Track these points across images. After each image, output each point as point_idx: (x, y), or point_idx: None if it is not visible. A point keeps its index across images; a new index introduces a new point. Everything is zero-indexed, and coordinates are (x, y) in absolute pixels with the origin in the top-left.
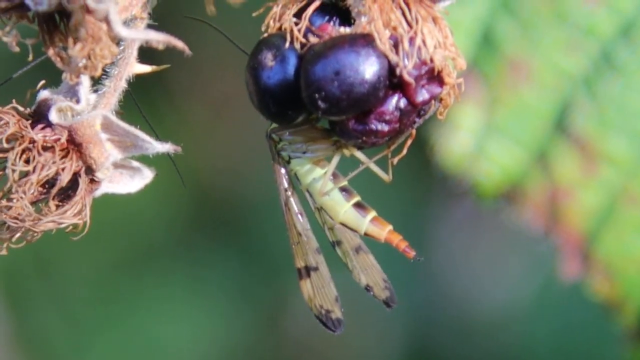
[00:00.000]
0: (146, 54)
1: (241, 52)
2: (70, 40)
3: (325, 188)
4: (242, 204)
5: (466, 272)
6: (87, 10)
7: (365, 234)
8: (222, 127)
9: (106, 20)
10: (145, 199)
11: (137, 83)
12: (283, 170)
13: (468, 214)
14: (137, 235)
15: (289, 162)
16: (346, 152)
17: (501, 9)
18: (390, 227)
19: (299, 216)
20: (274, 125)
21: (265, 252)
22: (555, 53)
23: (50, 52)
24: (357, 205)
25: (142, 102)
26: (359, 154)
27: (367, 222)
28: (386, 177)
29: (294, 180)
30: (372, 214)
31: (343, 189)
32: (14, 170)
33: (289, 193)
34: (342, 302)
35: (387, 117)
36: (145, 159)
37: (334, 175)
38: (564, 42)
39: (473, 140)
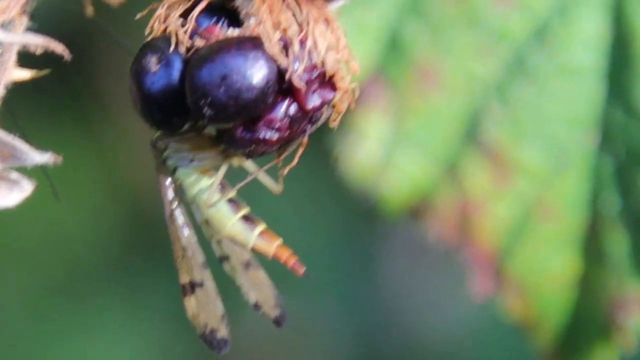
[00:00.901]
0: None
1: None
2: None
3: (212, 199)
4: None
5: (412, 295)
6: None
7: (253, 249)
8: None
9: None
10: (79, 218)
11: (68, 94)
12: (168, 181)
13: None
14: (69, 257)
15: (174, 172)
16: (235, 161)
17: (409, 12)
18: (279, 240)
19: (185, 229)
20: (159, 133)
21: (217, 274)
22: (467, 58)
23: None
24: (246, 218)
25: (74, 113)
26: (248, 164)
27: (254, 236)
28: (276, 188)
29: (180, 190)
30: (261, 227)
31: (231, 201)
32: None
33: (174, 205)
34: (291, 323)
35: (277, 125)
36: (83, 175)
37: (222, 186)
38: (475, 47)
39: (380, 150)
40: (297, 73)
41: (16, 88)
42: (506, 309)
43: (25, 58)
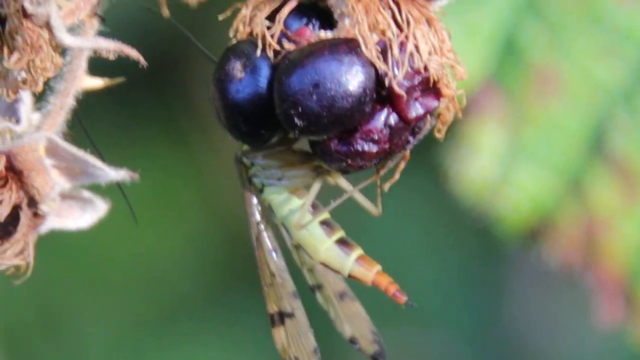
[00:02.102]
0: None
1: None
2: (6, 50)
3: (304, 220)
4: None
5: (542, 327)
6: (25, 14)
7: (350, 276)
8: None
9: (47, 26)
10: (174, 244)
11: (161, 107)
12: (255, 200)
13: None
14: (161, 288)
15: (262, 191)
16: (329, 179)
17: (526, 10)
18: (378, 267)
19: (273, 254)
20: (245, 147)
21: (309, 304)
22: (589, 61)
23: None
24: (341, 242)
25: (165, 128)
26: (343, 182)
27: (351, 261)
28: (375, 209)
29: (268, 211)
30: (358, 251)
31: (324, 223)
32: None
33: (262, 226)
34: (415, 354)
35: (376, 136)
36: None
37: (314, 207)
38: (598, 48)
39: (496, 164)
40: (397, 79)
41: (105, 98)
42: (637, 337)
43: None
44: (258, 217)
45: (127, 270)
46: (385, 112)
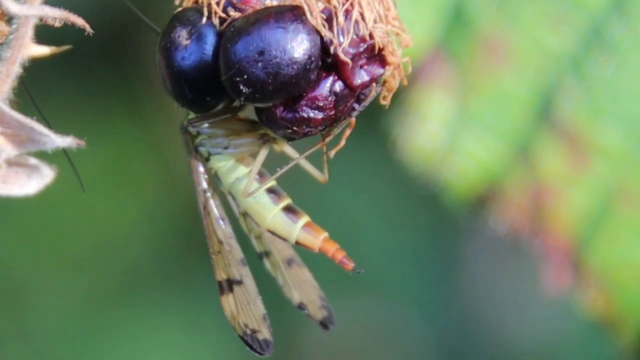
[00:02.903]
0: None
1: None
2: None
3: (250, 189)
4: None
5: (494, 295)
6: None
7: (297, 243)
8: None
9: None
10: (130, 218)
11: (119, 79)
12: (201, 169)
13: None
14: (117, 260)
15: (208, 159)
16: (275, 147)
17: None
18: (325, 234)
19: (220, 222)
20: (191, 115)
21: (257, 271)
22: (538, 29)
23: None
24: (288, 209)
25: (123, 101)
26: (289, 149)
27: (298, 228)
28: (322, 176)
29: (215, 180)
30: (305, 219)
31: (271, 190)
32: None
33: (209, 195)
34: (369, 325)
35: (321, 103)
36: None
37: (261, 175)
38: (547, 16)
39: (444, 132)
40: (343, 47)
41: (58, 66)
42: (586, 304)
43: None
44: (205, 185)
45: (81, 242)
46: (330, 79)
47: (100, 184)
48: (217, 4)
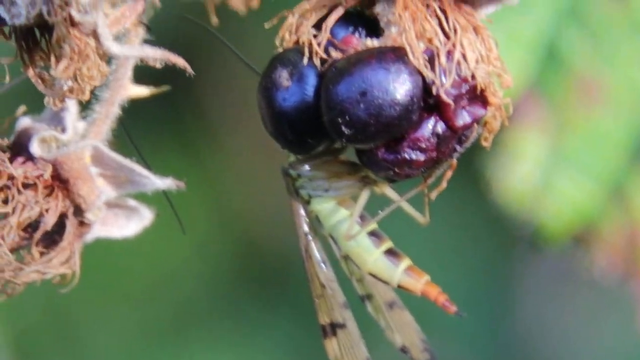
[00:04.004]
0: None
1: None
2: (53, 59)
3: (352, 231)
4: (294, 252)
5: (555, 333)
6: (72, 23)
7: (399, 286)
8: (269, 160)
9: (94, 34)
10: (185, 252)
11: (171, 115)
12: (302, 211)
13: (557, 265)
14: (172, 296)
15: (309, 202)
16: (376, 189)
17: (568, 18)
18: (427, 277)
19: (322, 265)
20: (291, 158)
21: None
22: (633, 68)
23: (30, 72)
24: (389, 253)
25: (174, 136)
26: (390, 192)
27: (400, 272)
28: (422, 219)
29: (316, 223)
30: (406, 262)
31: (372, 233)
32: None
33: (310, 238)
34: None
35: (423, 145)
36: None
37: (362, 217)
38: None
39: (538, 172)
40: (445, 87)
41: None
42: None
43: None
44: (306, 228)
45: (137, 279)
46: (432, 120)
47: (156, 221)
48: (318, 44)
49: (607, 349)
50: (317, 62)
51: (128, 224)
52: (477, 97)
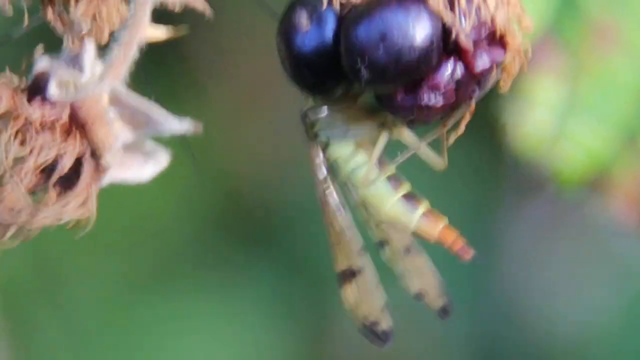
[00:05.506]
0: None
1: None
2: (72, 0)
3: (371, 176)
4: (279, 204)
5: (541, 282)
6: None
7: (415, 232)
8: (257, 110)
9: None
10: (165, 202)
11: (152, 56)
12: (320, 157)
13: (545, 212)
14: (161, 248)
15: (327, 148)
16: (394, 133)
17: None
18: (445, 221)
19: (339, 211)
20: (310, 103)
21: (309, 262)
22: None
23: (49, 13)
24: (407, 197)
25: (159, 83)
26: (409, 136)
27: (417, 216)
28: (441, 162)
29: (334, 169)
30: (425, 206)
31: (390, 178)
32: (7, 155)
33: (327, 184)
34: (393, 313)
35: (442, 89)
36: None
37: (380, 162)
38: None
39: (553, 118)
40: (464, 31)
41: None
42: None
43: None
44: (323, 174)
45: (123, 231)
46: (451, 64)
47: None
48: None
49: (595, 301)
50: (336, 4)
51: (144, 167)
52: (497, 41)
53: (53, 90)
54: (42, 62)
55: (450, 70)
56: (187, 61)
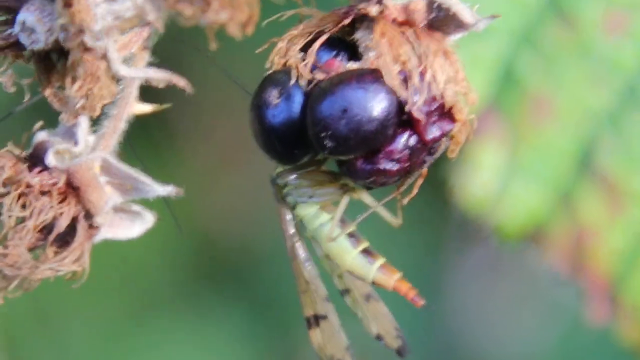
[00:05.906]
0: (148, 93)
1: (245, 92)
2: (68, 80)
3: (333, 234)
4: (248, 252)
5: (482, 322)
6: (85, 48)
7: (373, 282)
8: (227, 172)
9: (105, 58)
10: (148, 248)
11: (138, 125)
12: (289, 216)
13: (484, 259)
14: (139, 285)
15: (294, 208)
16: (354, 195)
17: (523, 43)
18: (399, 274)
19: (306, 263)
20: (279, 169)
21: (275, 303)
22: (580, 88)
23: (47, 92)
24: (365, 252)
25: (143, 145)
26: (367, 198)
27: (375, 269)
28: (395, 221)
29: (300, 226)
30: (381, 260)
31: (351, 235)
32: (10, 216)
33: (295, 239)
34: (355, 351)
35: (397, 156)
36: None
37: (342, 221)
38: (588, 77)
39: (496, 180)
40: (417, 105)
41: None
42: (621, 335)
43: None
44: (292, 231)
45: (108, 275)
46: (405, 134)
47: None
48: (305, 67)
49: (531, 336)
50: (303, 82)
51: (132, 227)
52: (446, 113)
53: (51, 159)
54: (40, 135)
55: (404, 139)
56: (168, 129)
